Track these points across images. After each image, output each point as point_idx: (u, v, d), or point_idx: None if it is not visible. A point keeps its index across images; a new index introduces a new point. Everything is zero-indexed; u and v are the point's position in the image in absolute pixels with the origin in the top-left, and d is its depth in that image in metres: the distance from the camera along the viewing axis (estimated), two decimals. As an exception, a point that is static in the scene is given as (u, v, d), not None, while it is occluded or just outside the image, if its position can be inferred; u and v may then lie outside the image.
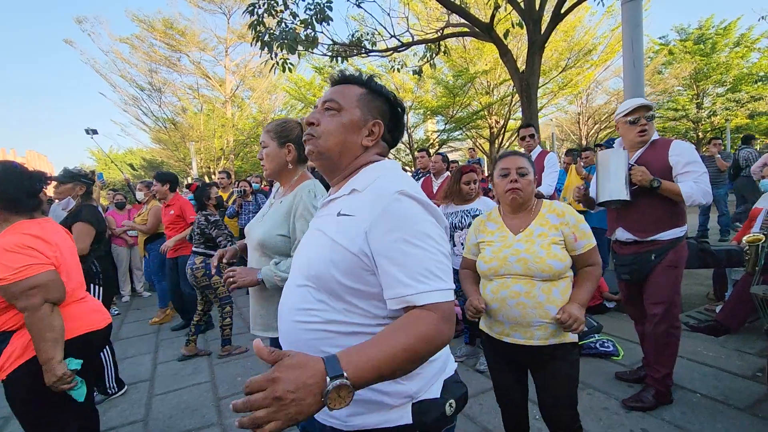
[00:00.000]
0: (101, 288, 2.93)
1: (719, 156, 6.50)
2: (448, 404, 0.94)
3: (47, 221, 1.77)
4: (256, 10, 5.93)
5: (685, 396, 2.52)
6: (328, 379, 0.67)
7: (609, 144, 5.23)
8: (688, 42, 17.38)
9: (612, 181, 2.33)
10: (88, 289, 2.17)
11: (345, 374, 0.69)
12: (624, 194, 2.30)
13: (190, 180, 13.18)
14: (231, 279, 1.64)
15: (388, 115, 1.06)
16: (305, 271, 0.94)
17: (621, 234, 2.46)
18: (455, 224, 3.19)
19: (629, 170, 2.32)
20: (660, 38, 18.62)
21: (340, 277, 0.88)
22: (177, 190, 4.52)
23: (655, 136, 2.42)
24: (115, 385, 3.12)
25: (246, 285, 1.64)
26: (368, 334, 0.87)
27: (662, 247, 2.32)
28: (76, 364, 1.66)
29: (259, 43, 6.09)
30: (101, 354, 2.97)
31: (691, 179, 2.22)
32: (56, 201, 3.61)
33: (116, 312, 5.47)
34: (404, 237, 0.83)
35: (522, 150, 4.11)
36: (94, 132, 7.20)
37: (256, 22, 6.01)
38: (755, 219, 3.61)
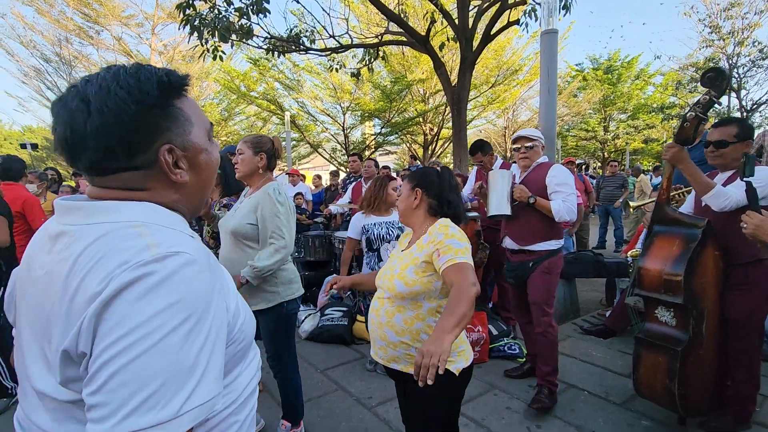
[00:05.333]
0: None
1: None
2: None
3: None
4: (185, -9, 5.56)
5: (574, 393, 2.82)
6: None
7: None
8: (599, 71, 19.46)
9: (497, 198, 2.70)
10: None
11: None
12: (506, 209, 2.67)
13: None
14: None
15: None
16: None
17: (508, 242, 2.83)
18: (381, 236, 3.01)
19: (512, 188, 2.69)
20: (577, 65, 20.63)
21: None
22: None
23: (544, 159, 2.79)
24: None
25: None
26: None
27: (539, 257, 2.70)
28: None
29: (188, 27, 5.72)
30: None
31: (560, 198, 2.58)
32: None
33: None
34: None
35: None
36: None
37: (185, 4, 5.64)
38: (640, 235, 4.14)
